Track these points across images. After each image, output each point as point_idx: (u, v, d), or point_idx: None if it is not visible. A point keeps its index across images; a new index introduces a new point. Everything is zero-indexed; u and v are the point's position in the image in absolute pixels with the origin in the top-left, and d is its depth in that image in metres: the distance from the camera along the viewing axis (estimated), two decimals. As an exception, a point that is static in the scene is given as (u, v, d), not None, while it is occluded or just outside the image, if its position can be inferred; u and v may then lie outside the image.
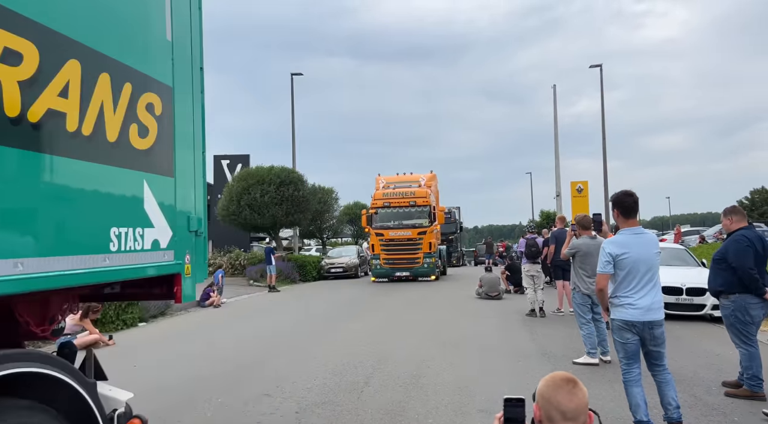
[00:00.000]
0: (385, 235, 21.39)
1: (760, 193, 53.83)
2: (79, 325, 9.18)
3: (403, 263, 21.26)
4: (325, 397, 5.85)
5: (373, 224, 21.64)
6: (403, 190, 22.15)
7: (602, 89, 28.65)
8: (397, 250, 21.28)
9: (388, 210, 21.62)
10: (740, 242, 5.54)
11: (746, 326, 5.46)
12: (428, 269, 21.29)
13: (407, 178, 24.10)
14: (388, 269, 21.37)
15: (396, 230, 21.32)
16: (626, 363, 4.53)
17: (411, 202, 21.49)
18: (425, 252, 21.13)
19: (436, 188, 25.20)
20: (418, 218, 21.50)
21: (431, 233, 21.35)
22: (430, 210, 21.62)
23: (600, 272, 4.61)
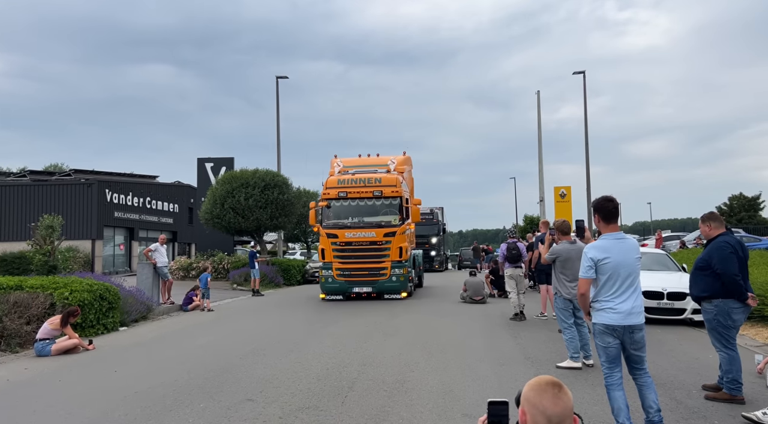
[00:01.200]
0: (339, 236, 15.58)
1: (739, 199, 54.77)
2: (58, 329, 9.05)
3: (364, 275, 15.61)
4: (308, 402, 5.81)
5: (323, 222, 15.92)
6: (365, 176, 16.08)
7: (585, 96, 29.00)
8: (355, 257, 15.54)
9: (344, 203, 15.86)
10: (724, 248, 5.60)
11: (728, 330, 5.54)
12: (397, 284, 15.59)
13: (372, 160, 18.01)
14: (343, 283, 15.69)
15: (355, 230, 15.58)
16: (608, 367, 4.57)
17: (376, 193, 15.67)
18: (394, 260, 15.42)
19: (411, 176, 19.51)
20: (386, 214, 15.87)
21: (402, 234, 15.70)
22: (402, 203, 15.81)
23: (582, 276, 4.65)
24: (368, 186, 15.90)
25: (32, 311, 9.80)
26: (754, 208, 54.08)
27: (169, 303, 15.11)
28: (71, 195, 32.16)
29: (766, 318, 9.79)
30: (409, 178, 19.19)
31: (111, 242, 33.95)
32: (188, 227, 40.03)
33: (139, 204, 35.92)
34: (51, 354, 8.73)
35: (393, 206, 15.98)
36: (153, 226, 36.79)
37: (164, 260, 15.12)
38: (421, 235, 32.33)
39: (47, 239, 15.41)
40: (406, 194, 16.59)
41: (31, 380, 7.35)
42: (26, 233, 17.80)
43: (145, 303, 13.06)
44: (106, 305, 11.08)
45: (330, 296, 16.06)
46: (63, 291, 10.37)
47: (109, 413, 5.64)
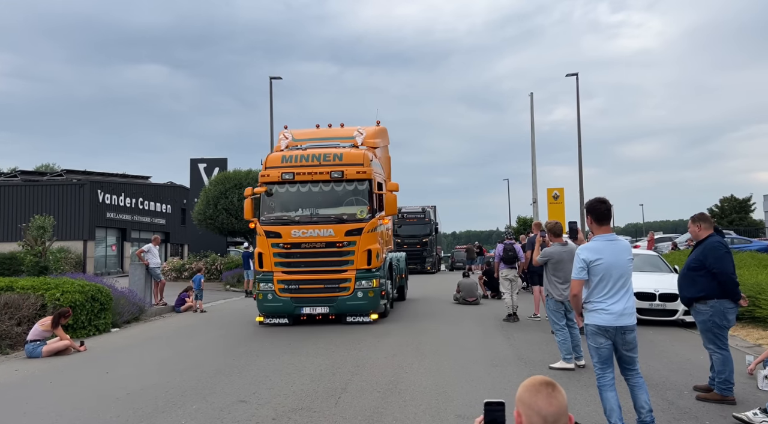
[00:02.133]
0: (283, 235, 11.10)
1: (730, 201, 55.18)
2: (49, 331, 8.99)
3: (318, 290, 11.06)
4: (302, 403, 5.80)
5: (261, 216, 11.51)
6: (321, 152, 11.61)
7: (578, 98, 29.11)
8: (306, 265, 11.12)
9: (290, 189, 11.47)
10: (719, 249, 5.65)
11: (722, 331, 5.58)
12: (364, 302, 11.05)
13: (332, 131, 13.56)
14: (288, 302, 11.08)
15: (305, 227, 11.07)
16: (600, 368, 4.60)
17: (335, 174, 11.24)
18: (361, 269, 11.04)
19: (387, 153, 15.11)
20: (350, 205, 11.49)
21: (372, 232, 11.27)
22: (371, 189, 11.43)
23: (574, 277, 4.67)
24: (324, 165, 11.20)
25: (23, 312, 9.73)
26: (745, 210, 54.51)
27: (162, 304, 15.04)
28: (63, 195, 31.96)
29: (757, 319, 9.86)
30: (385, 156, 14.58)
31: (103, 242, 33.77)
32: (181, 228, 39.87)
33: (132, 205, 35.74)
34: (42, 356, 8.66)
35: (360, 193, 11.37)
36: (145, 226, 36.61)
37: (157, 261, 15.04)
38: (413, 235, 31.49)
39: (38, 239, 15.29)
40: (379, 177, 12.00)
41: (21, 381, 7.29)
42: (17, 234, 17.68)
43: (137, 304, 12.99)
44: (98, 306, 11.00)
45: (270, 320, 11.31)
46: (54, 292, 10.30)
47: (100, 415, 5.60)
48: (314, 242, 11.05)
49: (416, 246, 30.95)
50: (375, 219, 11.42)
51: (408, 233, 31.05)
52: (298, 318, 11.40)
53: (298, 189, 11.52)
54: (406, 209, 32.48)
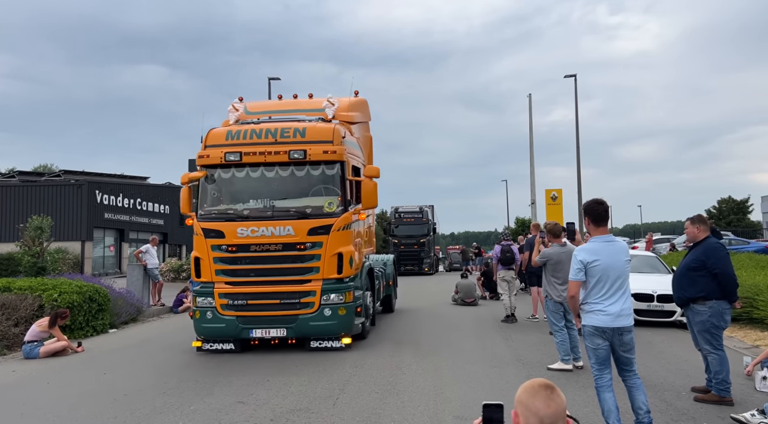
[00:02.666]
0: (227, 235, 8.63)
1: (727, 202, 55.29)
2: (47, 332, 8.97)
3: (272, 306, 8.56)
4: (300, 404, 5.80)
5: (200, 209, 8.99)
6: (277, 127, 9.06)
7: (576, 99, 29.17)
8: (256, 273, 8.64)
9: (237, 174, 8.95)
10: (719, 249, 5.72)
11: (719, 331, 5.61)
12: (332, 322, 8.51)
13: (296, 103, 10.85)
14: (234, 322, 8.52)
15: (255, 224, 8.60)
16: (598, 369, 4.60)
17: (295, 154, 8.68)
18: (329, 278, 8.57)
19: (367, 133, 12.33)
20: (316, 195, 8.96)
21: (345, 230, 8.75)
22: (343, 174, 8.91)
23: (572, 279, 4.69)
24: (282, 142, 8.66)
25: (20, 313, 9.71)
26: (743, 212, 54.64)
27: (160, 305, 15.01)
28: (60, 196, 31.89)
29: (755, 320, 9.88)
30: (365, 136, 11.88)
31: (101, 243, 33.69)
32: (179, 229, 39.76)
33: (130, 205, 35.67)
34: (39, 356, 8.64)
35: (328, 180, 8.83)
36: (143, 227, 36.54)
37: (155, 262, 15.03)
38: (410, 235, 30.65)
39: (36, 240, 15.27)
40: (355, 160, 9.59)
41: (18, 382, 7.27)
42: (14, 234, 17.66)
43: (135, 305, 12.97)
44: (96, 307, 10.98)
45: (211, 345, 8.64)
46: (52, 293, 10.28)
47: (98, 416, 5.59)
48: (268, 244, 8.43)
49: (414, 247, 30.65)
50: (348, 213, 8.72)
51: (405, 233, 30.89)
52: (248, 343, 8.68)
53: (248, 174, 8.76)
54: (403, 209, 32.28)
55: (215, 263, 8.58)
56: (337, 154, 8.74)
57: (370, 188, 9.05)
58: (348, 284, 8.67)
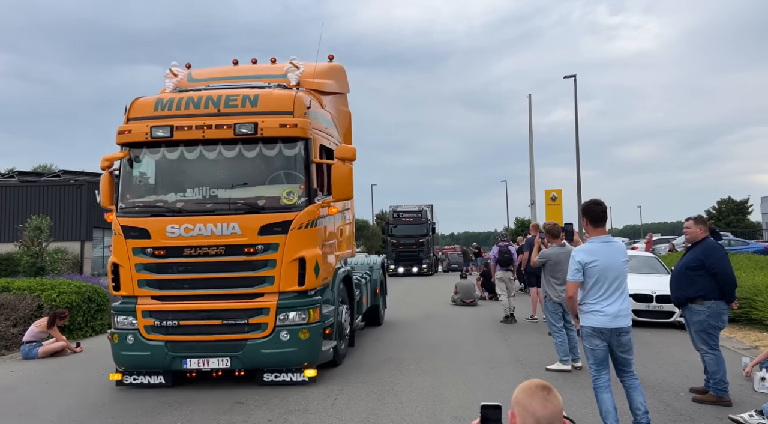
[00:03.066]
0: (153, 234, 6.56)
1: (727, 203, 55.32)
2: (45, 332, 8.97)
3: (212, 328, 6.52)
4: (298, 405, 5.79)
5: (120, 201, 6.91)
6: (222, 94, 6.93)
7: (576, 99, 29.18)
8: (191, 284, 6.61)
9: (168, 155, 6.88)
10: (719, 249, 5.77)
11: (716, 332, 5.62)
12: (291, 349, 6.43)
13: (254, 69, 8.83)
14: (161, 349, 6.47)
15: (190, 220, 6.55)
16: (596, 369, 4.61)
17: (242, 128, 6.56)
18: (286, 291, 6.54)
19: (344, 107, 10.06)
20: (275, 183, 6.90)
21: (308, 230, 6.68)
22: (306, 156, 6.83)
23: (570, 279, 4.69)
24: (226, 113, 6.72)
25: (19, 313, 9.71)
26: (743, 212, 54.66)
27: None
28: (60, 196, 31.89)
29: (754, 321, 9.88)
30: (341, 111, 9.51)
31: (101, 243, 33.69)
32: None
33: (129, 205, 35.68)
34: (38, 357, 8.64)
35: (288, 163, 6.91)
36: (143, 227, 36.55)
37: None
38: (409, 235, 30.21)
39: (35, 240, 15.27)
40: (325, 139, 7.68)
41: (17, 383, 7.27)
42: (14, 235, 17.65)
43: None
44: (95, 307, 10.98)
45: (134, 378, 6.67)
46: (51, 293, 10.28)
47: (95, 416, 5.59)
48: (206, 246, 6.42)
49: (412, 247, 30.39)
50: (314, 206, 6.70)
51: (404, 233, 30.63)
52: (183, 376, 6.70)
53: (182, 155, 6.71)
54: (401, 208, 31.98)
55: (138, 271, 6.52)
56: (299, 128, 6.63)
57: (342, 174, 6.93)
58: (313, 298, 6.63)
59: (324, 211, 7.07)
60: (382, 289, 11.78)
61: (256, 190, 6.82)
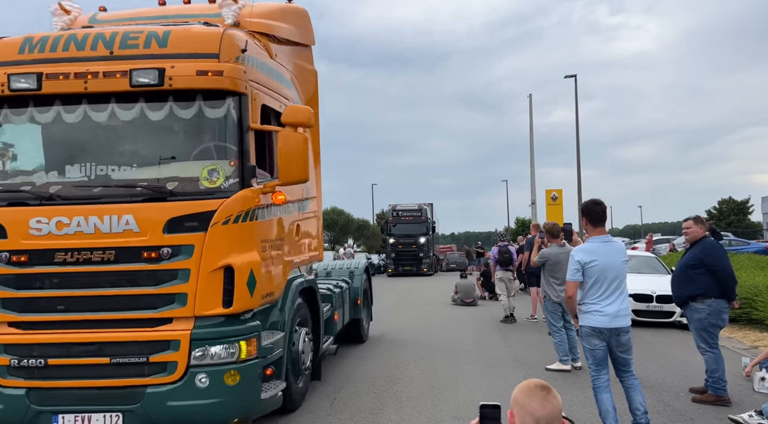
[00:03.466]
0: (10, 231, 4.43)
1: (728, 203, 55.33)
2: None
3: (94, 369, 4.34)
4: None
5: None
6: (117, 32, 4.68)
7: (576, 99, 29.16)
8: (66, 304, 4.44)
9: (39, 115, 4.72)
10: (718, 248, 5.84)
11: (716, 330, 5.64)
12: (212, 401, 4.32)
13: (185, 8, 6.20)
14: (21, 400, 4.31)
15: (66, 211, 4.43)
16: (595, 369, 4.60)
17: (139, 76, 4.43)
18: (204, 315, 4.41)
19: (306, 64, 7.18)
20: (186, 160, 4.75)
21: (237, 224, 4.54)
22: (239, 118, 4.65)
23: (569, 279, 4.69)
24: (121, 58, 4.58)
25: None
26: (743, 212, 54.67)
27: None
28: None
29: (754, 321, 9.86)
30: (303, 68, 7.08)
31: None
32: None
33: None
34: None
35: (209, 128, 4.80)
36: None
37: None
38: (408, 234, 29.68)
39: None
40: (270, 97, 5.36)
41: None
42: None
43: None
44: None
45: None
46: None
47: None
48: (88, 250, 4.48)
49: (412, 246, 29.90)
50: (249, 192, 4.73)
51: (403, 233, 30.17)
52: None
53: (57, 117, 4.74)
54: (401, 207, 31.51)
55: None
56: (227, 78, 4.60)
57: (292, 146, 4.77)
58: (247, 324, 4.60)
59: (265, 198, 4.95)
60: (366, 299, 9.52)
61: (164, 168, 4.72)
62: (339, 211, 47.40)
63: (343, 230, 47.44)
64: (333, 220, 46.15)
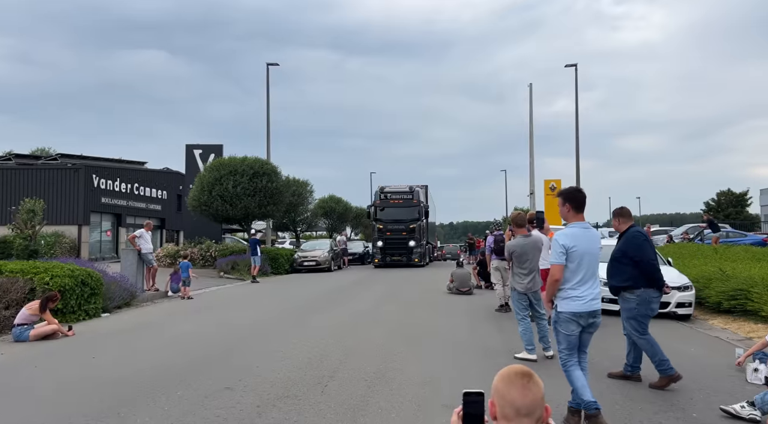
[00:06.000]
0: None
1: (726, 195, 55.30)
2: (37, 315, 8.92)
3: None
4: (288, 391, 5.75)
5: None
6: None
7: (576, 89, 29.00)
8: None
9: None
10: (638, 237, 5.92)
11: (646, 319, 5.81)
12: None
13: None
14: None
15: None
16: (568, 353, 4.72)
17: None
18: None
19: None
20: None
21: None
22: None
23: (555, 262, 4.70)
24: None
25: (11, 296, 9.66)
26: (742, 204, 54.66)
27: (154, 290, 14.98)
28: (57, 180, 31.76)
29: (749, 312, 9.85)
30: None
31: (98, 228, 33.61)
32: (177, 214, 39.74)
33: (127, 190, 35.55)
34: (29, 340, 8.59)
35: None
36: (141, 212, 36.45)
37: (149, 247, 14.96)
38: (398, 219, 26.62)
39: (28, 223, 15.17)
40: None
41: (6, 364, 7.23)
42: (9, 217, 17.54)
43: (128, 290, 12.92)
44: (88, 291, 10.93)
45: None
46: (43, 276, 10.22)
47: (84, 399, 5.54)
48: None
49: (402, 233, 26.60)
50: None
51: (391, 218, 26.89)
52: None
53: None
54: (389, 189, 27.96)
55: None
56: None
57: None
58: None
59: None
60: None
61: None
62: (337, 199, 47.26)
63: (341, 218, 47.34)
64: (331, 208, 46.03)
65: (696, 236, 27.47)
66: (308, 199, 40.72)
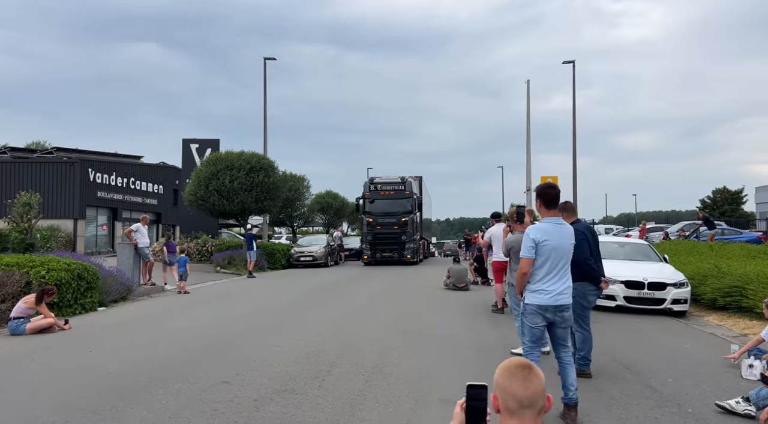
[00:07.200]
0: None
1: (722, 192, 55.48)
2: (33, 308, 8.90)
3: None
4: (285, 385, 5.76)
5: None
6: None
7: (574, 86, 29.01)
8: None
9: None
10: (577, 235, 5.95)
11: (584, 311, 5.97)
12: None
13: None
14: None
15: None
16: (530, 346, 4.81)
17: None
18: None
19: None
20: None
21: None
22: None
23: (524, 256, 4.77)
24: None
25: (7, 289, 9.63)
26: (737, 202, 54.86)
27: (150, 284, 14.95)
28: (53, 173, 31.64)
29: (744, 309, 9.90)
30: None
31: (94, 222, 33.52)
32: (173, 209, 39.64)
33: (123, 184, 35.45)
34: (25, 333, 8.58)
35: None
36: (137, 206, 36.36)
37: (145, 241, 14.92)
38: (388, 212, 24.59)
39: (24, 216, 15.11)
40: None
41: (2, 358, 7.20)
42: (4, 211, 17.48)
43: (124, 284, 12.90)
44: (85, 285, 10.90)
45: None
46: (40, 270, 10.19)
47: (80, 393, 5.54)
48: None
49: (393, 227, 24.46)
50: None
51: (382, 211, 24.75)
52: None
53: None
54: (380, 179, 25.75)
55: None
56: None
57: None
58: None
59: None
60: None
61: None
62: (334, 194, 47.20)
63: (338, 214, 47.31)
64: (328, 203, 45.99)
65: (692, 233, 27.59)
66: (305, 194, 40.66)
